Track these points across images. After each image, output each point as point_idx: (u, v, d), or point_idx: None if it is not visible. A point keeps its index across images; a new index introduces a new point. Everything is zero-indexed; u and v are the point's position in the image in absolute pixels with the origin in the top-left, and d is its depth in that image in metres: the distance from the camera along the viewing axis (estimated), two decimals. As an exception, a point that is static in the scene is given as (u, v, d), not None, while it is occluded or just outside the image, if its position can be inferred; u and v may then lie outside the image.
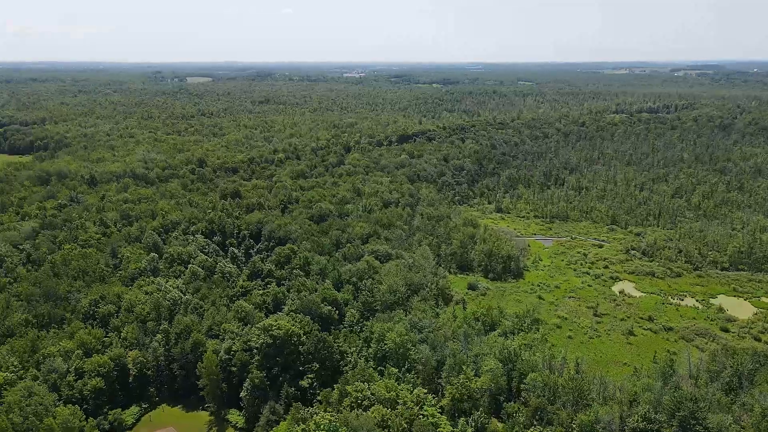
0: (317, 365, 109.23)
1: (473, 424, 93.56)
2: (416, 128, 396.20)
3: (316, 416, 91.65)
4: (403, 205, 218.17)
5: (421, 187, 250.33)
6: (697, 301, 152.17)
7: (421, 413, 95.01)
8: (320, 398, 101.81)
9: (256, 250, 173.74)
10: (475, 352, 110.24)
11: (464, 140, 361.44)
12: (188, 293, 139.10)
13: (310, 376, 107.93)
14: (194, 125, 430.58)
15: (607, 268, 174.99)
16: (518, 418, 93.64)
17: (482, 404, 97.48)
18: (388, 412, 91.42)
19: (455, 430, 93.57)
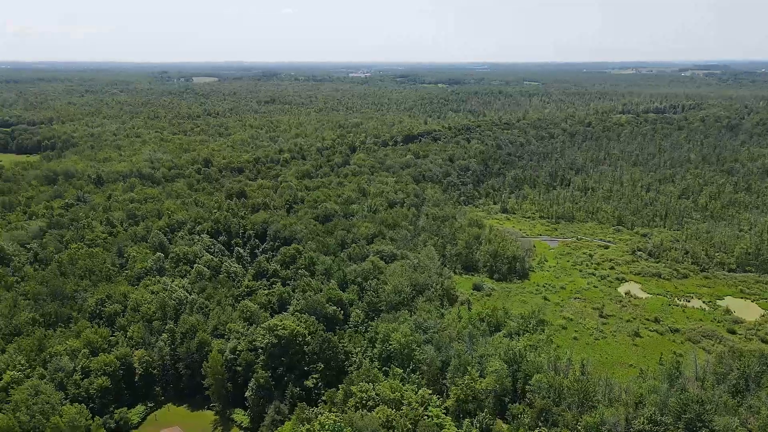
0: (322, 365, 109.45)
1: (478, 425, 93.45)
2: (422, 128, 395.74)
3: (320, 416, 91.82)
4: (408, 205, 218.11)
5: (426, 187, 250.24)
6: (703, 302, 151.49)
7: (425, 414, 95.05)
8: (325, 398, 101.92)
9: (261, 250, 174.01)
10: (480, 352, 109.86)
11: (470, 140, 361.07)
12: (194, 293, 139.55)
13: (314, 376, 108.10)
14: (200, 125, 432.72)
15: (613, 269, 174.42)
16: (523, 419, 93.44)
17: (487, 405, 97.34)
18: (392, 412, 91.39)
19: (460, 431, 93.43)
